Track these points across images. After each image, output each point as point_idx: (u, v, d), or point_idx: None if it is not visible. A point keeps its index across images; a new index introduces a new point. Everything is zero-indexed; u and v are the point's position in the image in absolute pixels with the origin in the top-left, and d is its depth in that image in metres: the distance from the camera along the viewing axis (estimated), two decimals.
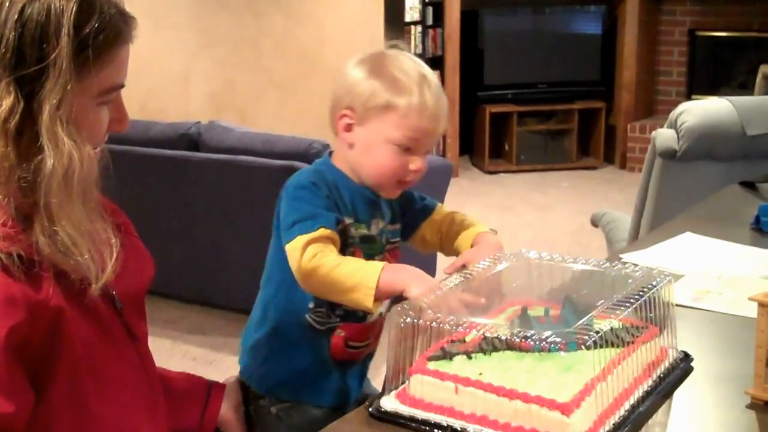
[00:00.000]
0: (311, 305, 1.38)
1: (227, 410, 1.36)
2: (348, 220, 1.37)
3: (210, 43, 4.77)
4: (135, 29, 1.00)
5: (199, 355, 3.24)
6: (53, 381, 0.94)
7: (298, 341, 1.40)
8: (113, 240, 1.00)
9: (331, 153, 1.46)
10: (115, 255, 0.99)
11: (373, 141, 1.36)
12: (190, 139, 3.46)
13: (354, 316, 1.39)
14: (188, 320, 3.56)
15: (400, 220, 1.49)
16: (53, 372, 0.94)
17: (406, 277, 1.25)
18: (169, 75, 4.60)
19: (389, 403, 1.14)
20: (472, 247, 1.44)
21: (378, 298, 1.25)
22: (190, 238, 3.53)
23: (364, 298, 1.25)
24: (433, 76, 1.38)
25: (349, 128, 1.38)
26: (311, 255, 1.28)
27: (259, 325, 1.43)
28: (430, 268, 2.08)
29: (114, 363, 1.03)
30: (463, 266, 1.35)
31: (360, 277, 1.25)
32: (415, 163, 1.36)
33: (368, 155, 1.37)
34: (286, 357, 1.41)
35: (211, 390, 1.33)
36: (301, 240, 1.29)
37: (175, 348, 3.31)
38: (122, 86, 1.01)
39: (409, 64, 1.37)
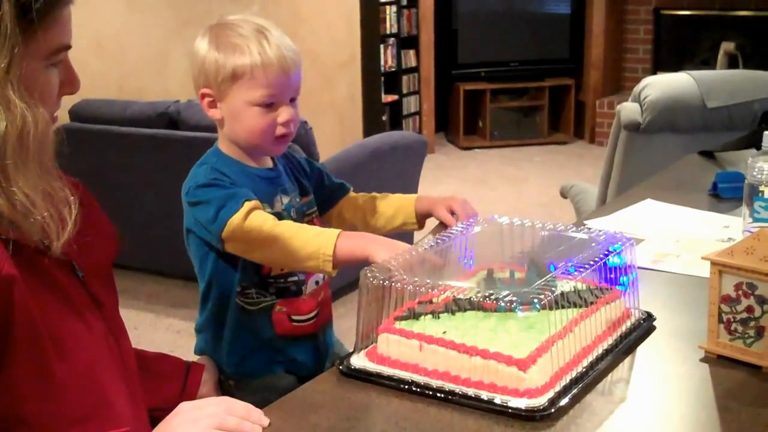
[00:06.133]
0: (238, 289, 1.40)
1: (206, 390, 1.37)
2: None
3: (187, 22, 4.75)
4: None
5: (183, 328, 3.26)
6: (12, 347, 0.95)
7: (236, 325, 1.42)
8: (71, 197, 1.00)
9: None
10: (74, 212, 1.00)
11: (236, 109, 1.38)
12: (169, 117, 3.45)
13: (288, 291, 1.42)
14: (171, 294, 3.58)
15: (313, 194, 1.51)
16: (11, 338, 0.94)
17: (367, 243, 1.27)
18: (146, 55, 4.57)
19: (358, 361, 1.16)
20: (418, 210, 1.50)
21: (337, 265, 1.28)
22: (170, 214, 3.50)
23: (323, 265, 1.28)
24: (272, 29, 1.39)
25: (213, 105, 1.41)
26: (259, 224, 1.30)
27: (200, 312, 1.47)
28: (407, 237, 2.13)
29: (78, 330, 1.03)
30: (440, 224, 1.41)
31: (316, 245, 1.28)
32: (282, 115, 1.38)
33: (237, 123, 1.39)
34: (230, 341, 1.43)
35: (190, 370, 1.34)
36: (234, 221, 1.30)
37: (158, 321, 3.34)
38: (69, 47, 1.01)
39: (245, 26, 1.37)
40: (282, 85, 1.37)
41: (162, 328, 3.29)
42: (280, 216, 1.40)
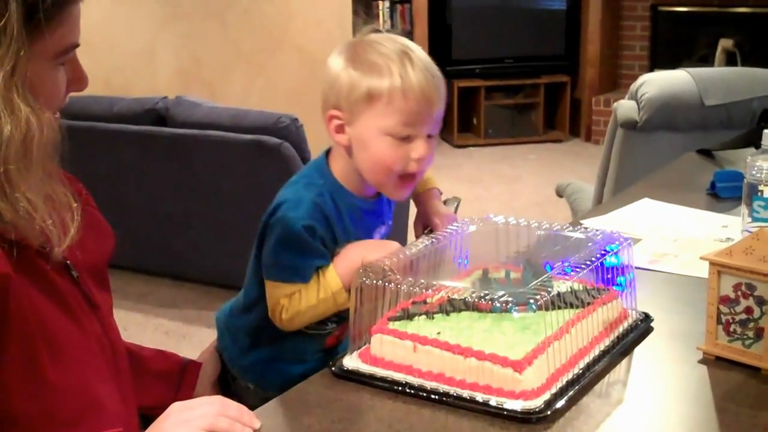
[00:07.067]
0: None
1: (203, 389, 1.35)
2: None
3: (175, 17, 4.73)
4: None
5: (171, 328, 3.25)
6: (4, 346, 0.94)
7: (277, 342, 1.36)
8: (74, 204, 1.00)
9: (329, 151, 1.34)
10: (76, 218, 1.00)
11: (367, 136, 1.24)
12: (157, 114, 3.45)
13: (345, 317, 1.35)
14: (159, 294, 3.57)
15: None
16: (3, 337, 0.94)
17: (355, 253, 1.25)
18: (133, 50, 4.55)
19: (351, 362, 1.16)
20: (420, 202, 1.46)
21: (348, 287, 1.24)
22: (159, 212, 3.54)
23: (343, 301, 1.26)
24: (419, 51, 1.27)
25: (340, 129, 1.27)
26: (282, 309, 1.27)
27: (237, 314, 1.39)
28: (401, 237, 2.12)
29: (71, 331, 1.02)
30: (430, 230, 1.38)
31: (329, 291, 1.26)
32: (417, 150, 1.24)
33: (365, 152, 1.25)
34: (264, 357, 1.38)
35: (186, 369, 1.32)
36: (277, 289, 1.27)
37: (147, 322, 3.32)
38: (77, 45, 0.99)
39: (388, 44, 1.25)
40: (422, 115, 1.23)
41: (150, 328, 3.28)
42: None
